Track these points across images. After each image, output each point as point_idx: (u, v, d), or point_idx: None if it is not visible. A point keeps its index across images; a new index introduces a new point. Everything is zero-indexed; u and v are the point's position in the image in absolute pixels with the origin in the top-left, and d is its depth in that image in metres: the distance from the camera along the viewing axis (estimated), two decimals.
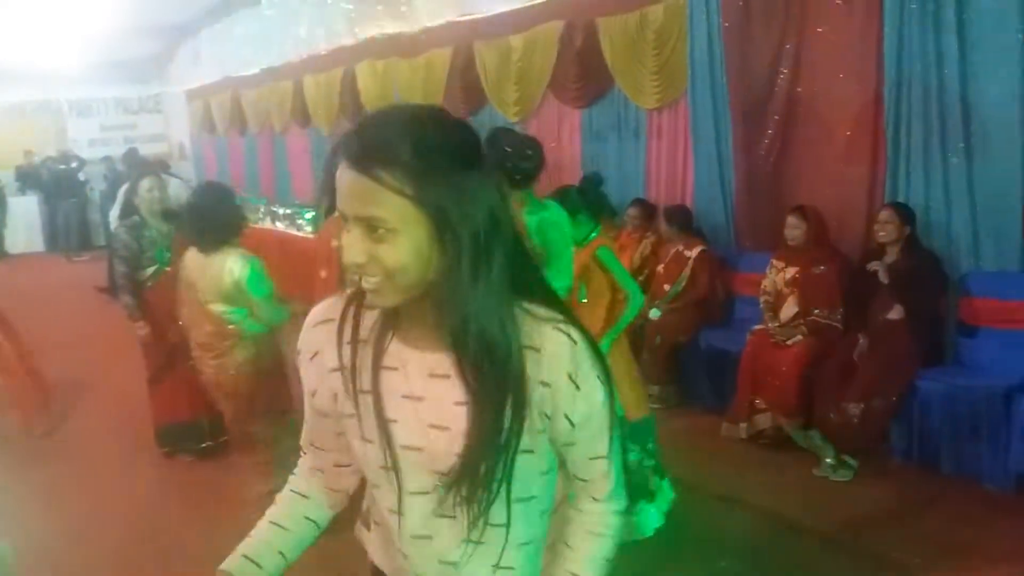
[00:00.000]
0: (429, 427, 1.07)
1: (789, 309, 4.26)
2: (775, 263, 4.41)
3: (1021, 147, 3.76)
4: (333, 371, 1.13)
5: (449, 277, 0.99)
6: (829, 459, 3.83)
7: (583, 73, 6.18)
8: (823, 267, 4.20)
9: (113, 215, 5.73)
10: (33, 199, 13.59)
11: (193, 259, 3.30)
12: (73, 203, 12.90)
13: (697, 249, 4.96)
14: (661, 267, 5.12)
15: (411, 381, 1.08)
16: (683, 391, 4.86)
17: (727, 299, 5.10)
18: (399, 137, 0.97)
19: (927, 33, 3.99)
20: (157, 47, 14.40)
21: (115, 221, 4.74)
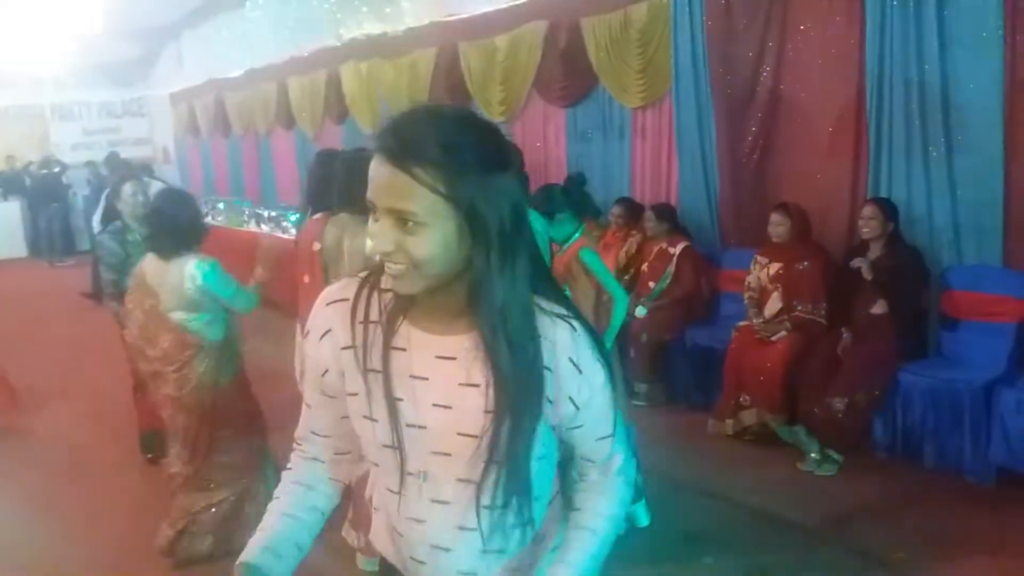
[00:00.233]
0: (433, 406, 1.13)
1: (773, 305, 4.28)
2: (759, 259, 4.43)
3: (1001, 142, 3.80)
4: (345, 349, 1.17)
5: (477, 269, 1.06)
6: (814, 454, 3.85)
7: (568, 73, 6.20)
8: (806, 263, 4.22)
9: (96, 220, 5.68)
10: (15, 204, 13.46)
11: (152, 266, 3.18)
12: (56, 208, 12.77)
13: (681, 246, 4.98)
14: (645, 265, 5.13)
15: (418, 362, 1.13)
16: (669, 388, 4.87)
17: (712, 296, 5.12)
18: (434, 136, 1.02)
19: (908, 30, 4.02)
20: (140, 50, 14.31)
21: (98, 226, 4.68)
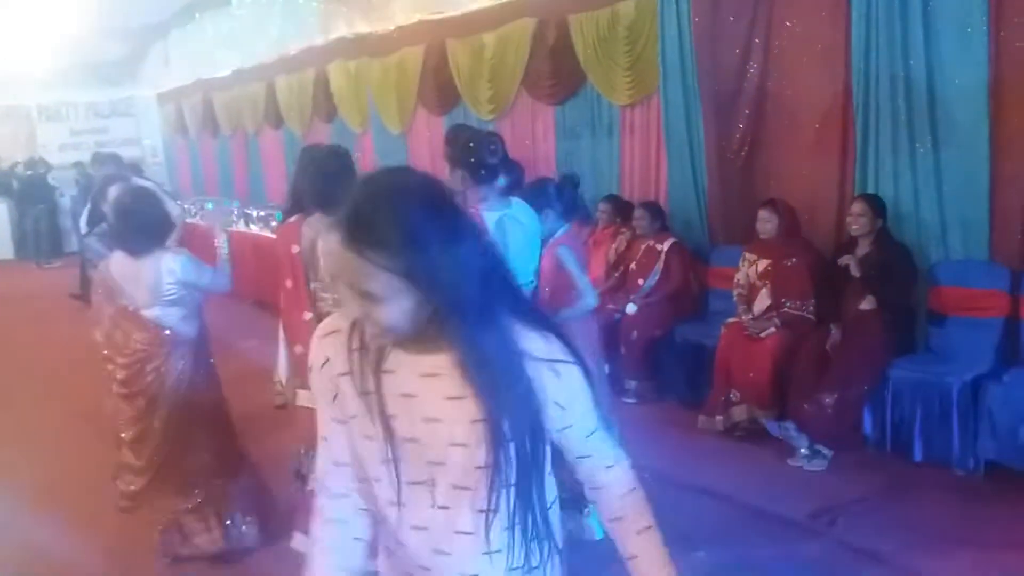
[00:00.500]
0: (423, 420, 1.19)
1: (762, 302, 4.30)
2: (747, 256, 4.44)
3: (987, 137, 3.82)
4: (342, 375, 1.25)
5: (447, 323, 1.12)
6: (803, 449, 3.87)
7: (556, 70, 6.19)
8: (795, 259, 4.24)
9: (83, 221, 5.65)
10: (2, 206, 13.37)
11: (121, 265, 3.14)
12: (42, 209, 12.68)
13: (668, 242, 5.00)
14: (634, 263, 5.14)
15: (406, 381, 1.20)
16: (659, 385, 4.88)
17: (701, 293, 5.13)
18: (386, 219, 1.06)
19: (894, 26, 4.04)
20: (127, 50, 14.22)
21: (85, 228, 4.65)
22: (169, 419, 3.19)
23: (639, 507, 1.31)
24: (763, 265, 4.33)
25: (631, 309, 4.91)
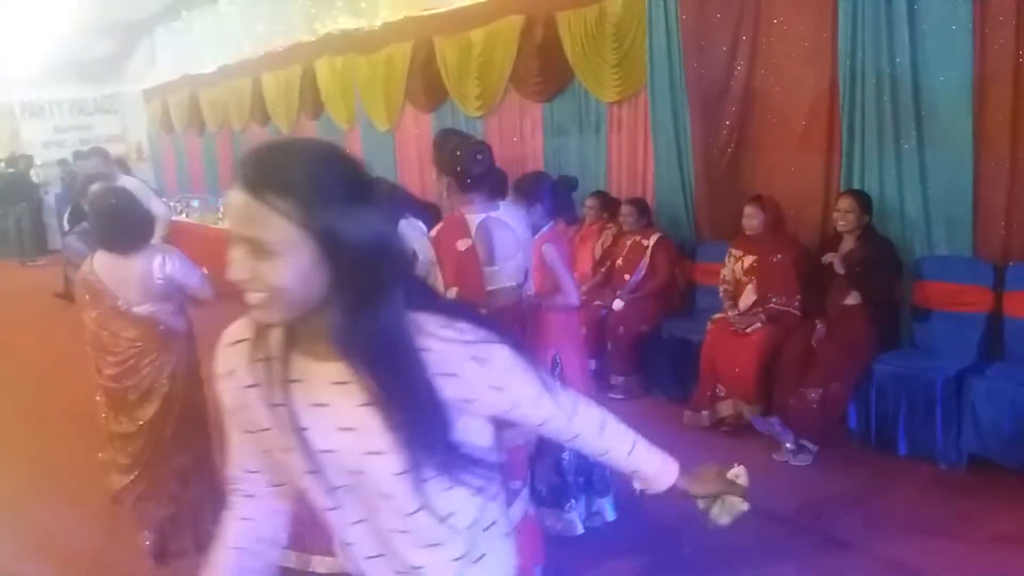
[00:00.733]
0: (337, 430, 1.13)
1: (748, 297, 4.31)
2: (733, 252, 4.46)
3: (971, 134, 3.85)
4: (248, 388, 1.19)
5: (337, 299, 1.04)
6: (789, 444, 3.88)
7: (544, 67, 6.19)
8: (780, 255, 4.25)
9: (66, 220, 5.58)
10: None
11: (106, 264, 3.10)
12: (24, 207, 12.53)
13: (655, 237, 5.01)
14: (620, 259, 5.14)
15: (316, 390, 1.13)
16: (646, 381, 4.88)
17: (688, 289, 5.15)
18: (293, 165, 1.02)
19: (880, 24, 4.06)
20: (112, 46, 14.09)
21: (67, 226, 4.59)
22: (157, 415, 3.17)
23: (618, 434, 1.36)
24: (749, 261, 4.34)
25: (617, 305, 4.92)
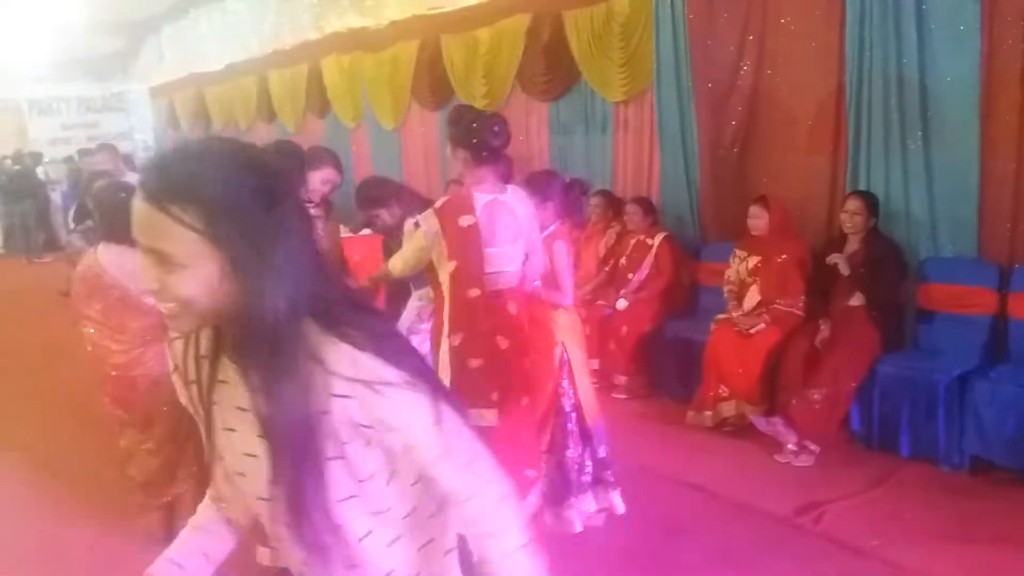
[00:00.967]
0: (257, 437, 1.08)
1: (752, 298, 4.30)
2: (738, 252, 4.45)
3: (977, 135, 3.84)
4: (190, 383, 1.18)
5: (244, 307, 1.01)
6: (791, 445, 3.87)
7: (550, 66, 6.19)
8: (785, 256, 4.24)
9: (71, 217, 5.58)
10: None
11: (113, 256, 3.08)
12: (30, 204, 12.56)
13: (659, 236, 5.00)
14: (624, 258, 5.14)
15: (241, 394, 1.09)
16: (649, 380, 4.88)
17: (692, 289, 5.14)
18: (197, 174, 0.98)
19: (887, 24, 4.05)
20: (120, 44, 14.15)
21: (73, 224, 4.57)
22: (173, 398, 3.15)
23: (513, 524, 1.19)
24: (753, 261, 4.33)
25: (621, 304, 4.91)
